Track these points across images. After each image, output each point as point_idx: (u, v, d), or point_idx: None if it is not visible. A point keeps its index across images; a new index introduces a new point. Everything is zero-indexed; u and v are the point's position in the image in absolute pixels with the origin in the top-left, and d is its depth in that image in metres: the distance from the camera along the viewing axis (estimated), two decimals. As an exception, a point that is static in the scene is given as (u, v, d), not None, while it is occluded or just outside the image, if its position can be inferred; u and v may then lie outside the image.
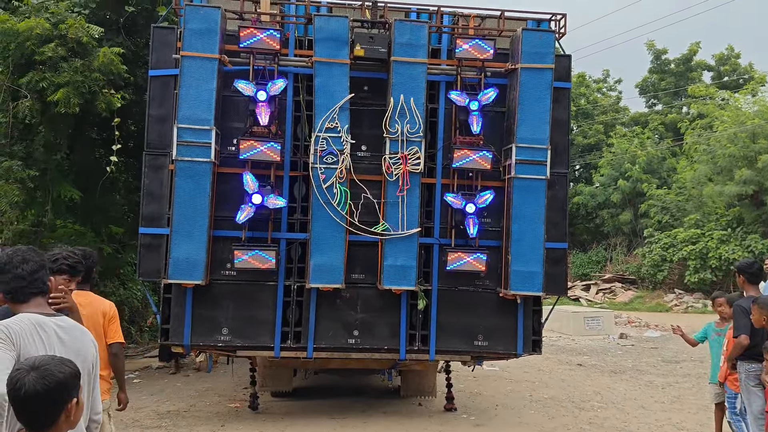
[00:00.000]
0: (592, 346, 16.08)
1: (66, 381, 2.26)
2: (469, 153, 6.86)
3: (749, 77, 33.96)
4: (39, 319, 2.79)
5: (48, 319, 2.85)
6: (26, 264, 2.93)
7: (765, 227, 25.40)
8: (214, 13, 6.68)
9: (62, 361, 2.32)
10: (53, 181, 10.23)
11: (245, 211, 6.59)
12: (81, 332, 2.94)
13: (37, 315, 2.83)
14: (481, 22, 7.45)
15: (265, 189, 6.65)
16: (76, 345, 2.86)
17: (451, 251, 6.90)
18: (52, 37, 9.04)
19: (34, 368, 2.22)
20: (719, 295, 7.60)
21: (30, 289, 2.91)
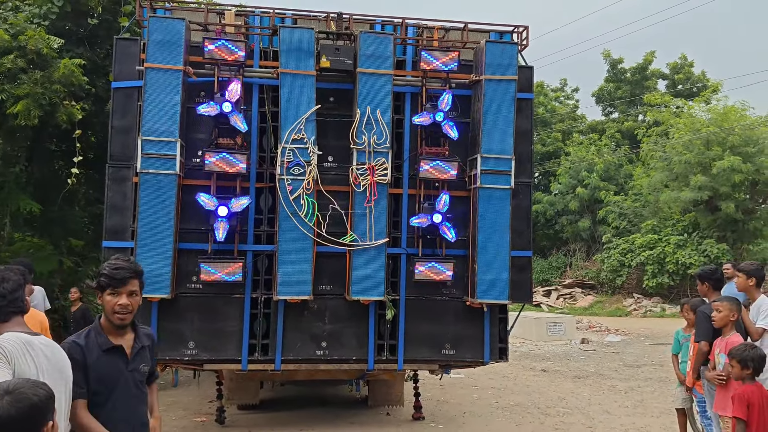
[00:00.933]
0: (555, 352, 16.29)
1: (41, 404, 2.22)
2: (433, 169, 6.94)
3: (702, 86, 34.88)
4: (27, 338, 2.77)
5: (33, 337, 2.82)
6: (6, 283, 2.89)
7: (720, 232, 26.07)
8: (179, 25, 6.63)
9: (36, 384, 2.30)
10: (11, 194, 10.03)
11: (220, 228, 6.53)
12: (59, 350, 2.93)
13: (23, 334, 2.79)
14: (445, 34, 7.53)
15: (226, 198, 6.59)
16: (60, 363, 2.85)
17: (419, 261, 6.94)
18: (11, 48, 8.88)
19: (8, 392, 2.18)
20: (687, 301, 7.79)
21: (10, 308, 2.87)
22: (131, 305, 3.24)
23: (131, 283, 3.26)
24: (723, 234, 26.07)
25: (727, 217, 25.27)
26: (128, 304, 3.22)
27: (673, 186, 26.56)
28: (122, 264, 3.28)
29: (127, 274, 3.24)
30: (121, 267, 3.25)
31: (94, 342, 3.25)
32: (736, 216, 25.14)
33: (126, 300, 3.21)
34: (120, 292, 3.22)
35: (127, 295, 3.22)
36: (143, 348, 3.41)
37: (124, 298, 3.21)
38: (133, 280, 3.27)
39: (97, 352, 3.23)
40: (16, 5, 10.23)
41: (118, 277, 3.22)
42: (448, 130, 6.94)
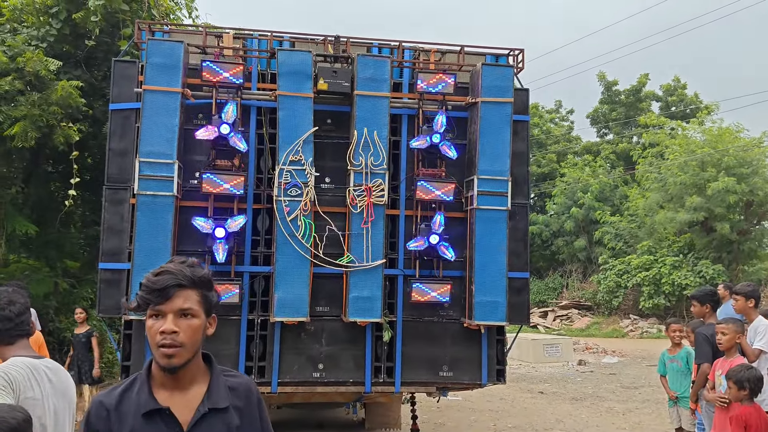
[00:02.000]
0: (552, 374, 16.23)
1: (19, 428, 2.29)
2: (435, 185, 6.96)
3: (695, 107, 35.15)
4: (32, 363, 2.76)
5: (37, 361, 2.82)
6: (13, 306, 2.88)
7: (716, 253, 26.13)
8: (177, 48, 6.67)
9: (13, 407, 2.35)
10: (7, 215, 10.02)
11: (220, 249, 6.52)
12: (65, 373, 2.92)
13: (29, 359, 2.79)
14: (441, 57, 7.59)
15: (222, 219, 6.60)
16: (63, 386, 2.85)
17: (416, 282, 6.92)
18: (9, 70, 8.92)
19: None
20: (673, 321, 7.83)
21: (16, 331, 2.86)
22: (183, 334, 2.12)
23: (182, 295, 2.15)
24: (718, 255, 26.13)
25: (722, 238, 25.35)
26: (175, 330, 2.11)
27: (669, 207, 26.66)
28: (171, 268, 2.18)
29: (172, 281, 2.14)
30: (167, 271, 2.17)
31: (134, 401, 2.17)
32: (731, 237, 25.23)
33: (172, 324, 2.11)
34: (164, 312, 2.13)
35: (174, 316, 2.12)
36: (220, 412, 2.21)
37: (170, 320, 2.11)
38: (184, 290, 2.16)
39: (134, 419, 2.14)
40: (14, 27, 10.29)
41: (159, 286, 2.13)
42: (447, 151, 6.97)
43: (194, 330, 2.15)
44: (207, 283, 2.23)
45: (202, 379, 2.24)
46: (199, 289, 2.20)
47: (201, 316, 2.19)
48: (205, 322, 2.22)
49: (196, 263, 2.24)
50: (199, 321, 2.18)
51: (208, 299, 2.23)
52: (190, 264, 2.24)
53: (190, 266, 2.22)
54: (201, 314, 2.19)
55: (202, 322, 2.19)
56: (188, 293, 2.17)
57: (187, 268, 2.20)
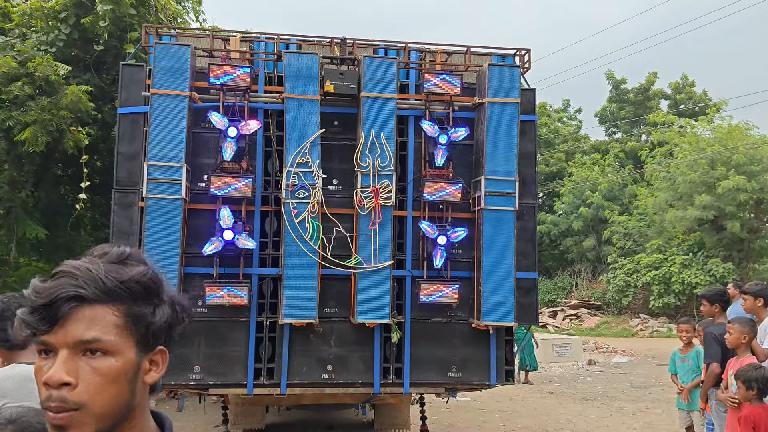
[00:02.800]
0: (561, 374, 16.20)
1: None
2: (445, 186, 6.95)
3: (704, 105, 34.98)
4: (29, 373, 2.74)
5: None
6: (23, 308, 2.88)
7: (726, 251, 26.00)
8: (185, 51, 6.70)
9: (39, 412, 2.30)
10: (18, 219, 10.09)
11: (213, 244, 6.55)
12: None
13: (27, 367, 2.77)
14: (447, 58, 7.60)
15: (238, 226, 6.62)
16: None
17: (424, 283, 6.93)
18: (19, 75, 8.98)
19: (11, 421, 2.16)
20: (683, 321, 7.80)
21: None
22: (84, 387, 1.22)
23: (85, 316, 1.23)
24: (728, 253, 26.00)
25: (733, 236, 25.22)
26: (67, 381, 1.21)
27: (678, 205, 26.54)
28: (74, 266, 1.26)
29: (67, 291, 1.22)
30: (63, 273, 1.26)
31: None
32: (741, 235, 25.09)
33: (62, 370, 1.21)
34: (53, 346, 1.24)
35: (70, 354, 1.22)
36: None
37: (61, 362, 1.22)
38: (89, 307, 1.23)
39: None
40: (23, 32, 10.37)
41: (43, 300, 1.24)
42: (438, 155, 6.97)
43: (107, 379, 1.23)
44: (141, 292, 1.29)
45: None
46: (121, 304, 1.26)
47: (124, 352, 1.26)
48: (138, 363, 1.29)
49: (128, 255, 1.33)
50: (119, 362, 1.25)
51: (142, 320, 1.28)
52: (115, 257, 1.31)
53: (114, 261, 1.30)
54: (124, 349, 1.26)
55: (128, 364, 1.26)
56: (98, 312, 1.24)
57: (104, 265, 1.28)
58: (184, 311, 1.42)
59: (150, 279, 1.32)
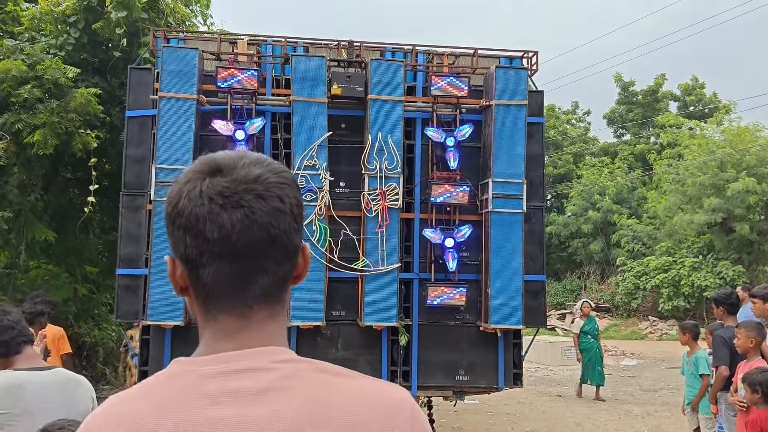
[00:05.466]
0: (570, 376, 16.12)
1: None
2: (450, 188, 6.95)
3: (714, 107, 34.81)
4: (18, 380, 2.73)
5: (32, 375, 2.77)
6: (9, 315, 2.89)
7: (735, 254, 25.84)
8: (192, 55, 6.73)
9: (75, 422, 2.30)
10: (27, 222, 10.13)
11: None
12: (75, 385, 2.87)
13: (16, 373, 2.76)
14: (455, 60, 7.59)
15: None
16: (64, 400, 2.79)
17: (431, 286, 6.92)
18: (28, 78, 9.03)
19: None
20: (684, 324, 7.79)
21: (20, 338, 2.87)
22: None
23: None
24: (738, 256, 25.83)
25: (742, 238, 25.06)
26: None
27: (687, 208, 26.40)
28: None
29: None
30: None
31: None
32: (750, 237, 24.93)
33: None
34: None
35: None
36: None
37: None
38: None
39: None
40: (32, 36, 10.42)
41: None
42: (450, 158, 6.98)
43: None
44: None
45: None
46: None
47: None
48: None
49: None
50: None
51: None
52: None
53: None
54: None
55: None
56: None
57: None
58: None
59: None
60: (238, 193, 1.10)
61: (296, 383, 1.08)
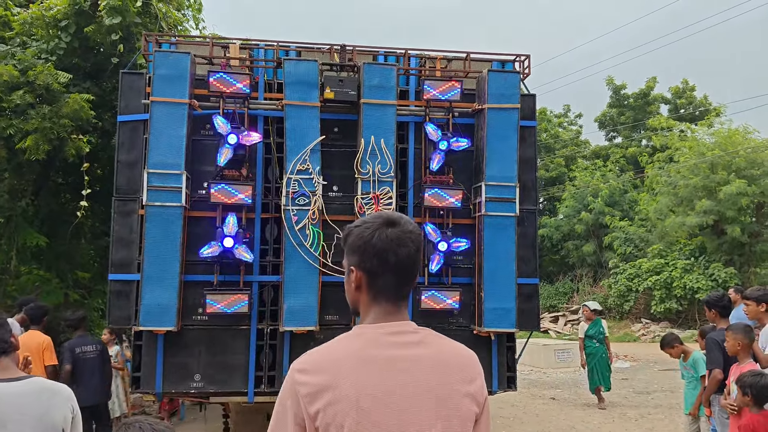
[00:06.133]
0: (564, 379, 16.14)
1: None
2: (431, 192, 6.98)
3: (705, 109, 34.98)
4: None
5: (5, 386, 2.72)
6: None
7: (727, 256, 25.94)
8: (184, 59, 6.71)
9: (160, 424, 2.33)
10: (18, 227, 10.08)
11: (212, 248, 6.54)
12: (51, 394, 2.80)
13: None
14: (447, 64, 7.60)
15: (238, 235, 6.60)
16: (39, 411, 2.73)
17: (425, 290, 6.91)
18: (20, 83, 8.98)
19: None
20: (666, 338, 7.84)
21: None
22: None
23: None
24: (730, 257, 25.94)
25: (734, 240, 25.16)
26: None
27: (679, 211, 26.50)
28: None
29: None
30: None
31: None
32: (742, 239, 25.04)
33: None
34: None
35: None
36: None
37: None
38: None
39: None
40: (24, 41, 10.38)
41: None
42: (434, 160, 6.99)
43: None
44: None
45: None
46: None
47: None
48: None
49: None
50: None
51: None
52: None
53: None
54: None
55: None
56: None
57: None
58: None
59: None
60: (403, 239, 1.96)
61: (430, 339, 1.98)
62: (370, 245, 1.96)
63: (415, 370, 1.86)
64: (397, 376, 1.83)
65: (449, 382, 1.89)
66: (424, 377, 1.86)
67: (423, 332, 1.98)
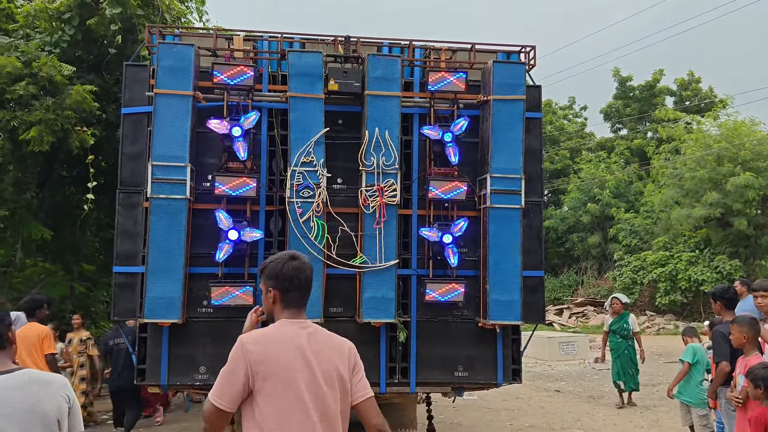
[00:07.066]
0: (568, 372, 16.14)
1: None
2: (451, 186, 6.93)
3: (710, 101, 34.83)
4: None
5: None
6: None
7: (732, 248, 25.88)
8: (188, 51, 6.68)
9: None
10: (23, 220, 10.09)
11: (224, 249, 6.54)
12: (41, 385, 2.78)
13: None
14: (452, 55, 7.56)
15: (240, 224, 6.61)
16: (28, 403, 2.71)
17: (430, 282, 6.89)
18: (23, 75, 8.97)
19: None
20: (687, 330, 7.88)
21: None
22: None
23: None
24: (735, 250, 25.88)
25: (739, 233, 25.10)
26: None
27: (684, 203, 26.42)
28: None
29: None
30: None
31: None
32: (747, 232, 24.97)
33: None
34: None
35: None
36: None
37: None
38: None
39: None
40: (27, 33, 10.37)
41: None
42: (450, 154, 6.94)
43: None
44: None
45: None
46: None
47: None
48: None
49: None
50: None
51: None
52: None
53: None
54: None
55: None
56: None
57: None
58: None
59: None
60: (303, 267, 3.04)
61: (319, 330, 3.01)
62: (282, 273, 3.01)
63: (309, 343, 2.93)
64: (293, 343, 2.91)
65: (327, 350, 2.96)
66: (314, 346, 2.94)
67: (314, 326, 3.03)
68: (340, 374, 2.95)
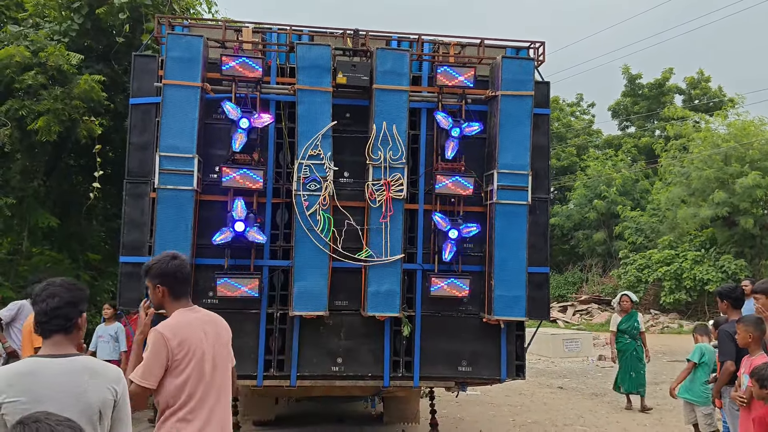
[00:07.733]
0: (572, 369, 16.15)
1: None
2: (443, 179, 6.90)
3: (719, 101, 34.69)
4: (30, 367, 2.70)
5: (49, 362, 2.73)
6: (52, 299, 2.84)
7: (738, 248, 25.80)
8: (197, 42, 6.68)
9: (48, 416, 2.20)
10: (30, 208, 10.12)
11: (224, 234, 6.54)
12: (91, 375, 2.77)
13: (32, 360, 2.75)
14: (461, 50, 7.53)
15: (249, 218, 6.60)
16: (77, 390, 2.71)
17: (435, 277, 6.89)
18: (32, 64, 8.99)
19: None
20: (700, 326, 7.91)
21: (49, 326, 2.82)
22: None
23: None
24: (740, 250, 25.80)
25: (745, 232, 25.02)
26: None
27: (691, 202, 26.33)
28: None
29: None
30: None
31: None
32: (753, 231, 24.88)
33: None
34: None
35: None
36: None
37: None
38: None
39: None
40: (36, 22, 10.38)
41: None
42: (448, 147, 6.92)
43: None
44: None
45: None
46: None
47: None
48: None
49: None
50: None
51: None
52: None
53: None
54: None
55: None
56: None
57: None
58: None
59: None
60: (184, 264, 3.81)
61: (203, 311, 3.85)
62: (166, 271, 3.66)
63: (204, 323, 3.69)
64: (197, 326, 3.64)
65: (215, 326, 3.77)
66: (207, 326, 3.71)
67: (200, 308, 3.81)
68: (228, 340, 3.86)
